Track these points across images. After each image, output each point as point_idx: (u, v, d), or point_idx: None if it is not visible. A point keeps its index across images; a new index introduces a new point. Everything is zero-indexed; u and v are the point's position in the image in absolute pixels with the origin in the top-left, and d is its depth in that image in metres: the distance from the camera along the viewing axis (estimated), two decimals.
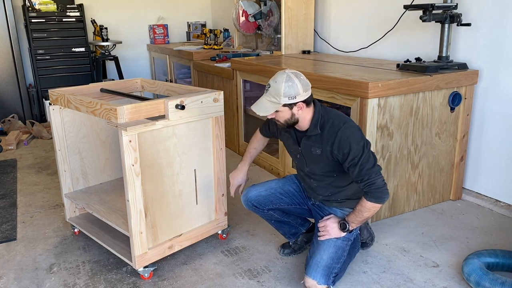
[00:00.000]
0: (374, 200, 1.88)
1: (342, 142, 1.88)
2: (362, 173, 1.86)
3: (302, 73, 1.93)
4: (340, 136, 1.89)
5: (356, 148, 1.86)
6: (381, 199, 1.88)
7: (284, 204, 2.23)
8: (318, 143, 1.96)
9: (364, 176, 1.86)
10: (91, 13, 5.43)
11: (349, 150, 1.86)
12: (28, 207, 3.02)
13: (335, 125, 1.92)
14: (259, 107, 1.92)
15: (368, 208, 1.91)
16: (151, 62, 5.97)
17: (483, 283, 1.95)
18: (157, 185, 2.11)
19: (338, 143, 1.89)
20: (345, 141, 1.87)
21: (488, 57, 2.76)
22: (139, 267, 2.13)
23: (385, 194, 1.88)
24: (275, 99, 1.86)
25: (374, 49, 3.58)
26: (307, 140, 2.01)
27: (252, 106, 1.95)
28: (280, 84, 1.84)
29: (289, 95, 1.84)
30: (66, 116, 2.48)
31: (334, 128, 1.91)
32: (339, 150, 1.89)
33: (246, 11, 4.19)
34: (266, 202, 2.20)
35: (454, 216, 2.77)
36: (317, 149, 1.98)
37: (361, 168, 1.86)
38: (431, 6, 2.63)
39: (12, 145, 4.29)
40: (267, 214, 2.25)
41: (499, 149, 2.80)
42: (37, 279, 2.20)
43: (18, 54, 4.88)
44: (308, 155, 2.04)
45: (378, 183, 1.86)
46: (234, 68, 3.79)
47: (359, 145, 1.87)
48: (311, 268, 1.97)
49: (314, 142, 1.98)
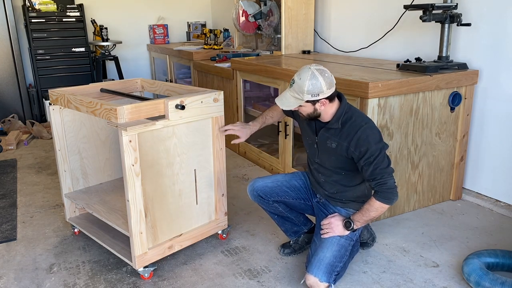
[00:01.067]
0: (383, 200, 1.90)
1: (361, 141, 1.89)
2: (375, 172, 1.88)
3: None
4: (360, 134, 1.90)
5: (374, 148, 1.88)
6: (390, 200, 1.90)
7: (289, 197, 2.24)
8: (336, 137, 1.97)
9: (377, 176, 1.88)
10: (91, 13, 5.43)
11: (367, 149, 1.88)
12: (28, 207, 3.02)
13: (357, 122, 1.93)
14: (282, 101, 1.94)
15: (376, 207, 1.92)
16: (151, 62, 5.97)
17: (483, 283, 1.95)
18: (157, 185, 2.11)
19: (357, 141, 1.90)
20: (364, 140, 1.89)
21: (488, 57, 2.76)
22: (139, 267, 2.13)
23: (394, 195, 1.90)
24: (299, 96, 1.88)
25: (374, 49, 3.58)
26: (325, 132, 2.01)
27: (276, 98, 1.96)
28: (304, 81, 1.85)
29: (312, 92, 1.85)
30: (66, 116, 2.48)
31: (355, 126, 1.93)
32: (356, 148, 1.90)
33: (246, 11, 4.19)
34: (272, 194, 2.22)
35: (454, 216, 2.77)
36: (333, 143, 1.98)
37: (375, 167, 1.87)
38: (431, 6, 2.63)
39: (12, 145, 4.29)
40: (272, 206, 2.26)
41: (499, 149, 2.80)
42: (37, 279, 2.20)
43: (18, 54, 4.88)
44: (322, 146, 2.04)
45: (389, 184, 1.88)
46: (234, 68, 3.79)
47: (378, 146, 1.89)
48: (313, 265, 1.97)
49: (332, 135, 1.99)
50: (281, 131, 3.29)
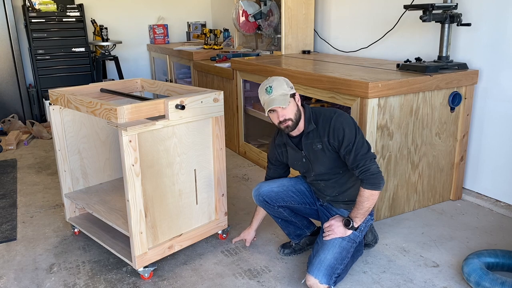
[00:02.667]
0: (370, 186, 1.92)
1: (336, 129, 1.96)
2: (357, 158, 1.92)
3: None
4: (334, 123, 1.97)
5: (349, 133, 1.94)
6: (377, 185, 1.92)
7: (295, 202, 2.24)
8: (317, 137, 2.02)
9: (359, 162, 1.92)
10: (91, 13, 5.43)
11: (343, 135, 1.94)
12: (28, 207, 3.02)
13: (327, 116, 2.02)
14: (277, 102, 1.94)
15: (366, 196, 1.94)
16: (151, 62, 5.97)
17: (483, 283, 1.95)
18: (157, 185, 2.11)
19: (333, 131, 1.97)
20: (339, 128, 1.95)
21: (488, 57, 2.76)
22: (139, 267, 2.13)
23: (380, 180, 1.92)
24: (284, 91, 1.95)
25: (374, 49, 3.58)
26: (306, 139, 2.05)
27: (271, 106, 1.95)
28: (277, 81, 1.98)
29: (289, 85, 1.99)
30: (66, 116, 2.48)
31: (327, 119, 2.01)
32: (334, 137, 1.96)
33: (246, 11, 4.19)
34: (278, 199, 2.21)
35: (454, 216, 2.77)
36: (318, 144, 2.03)
37: (356, 153, 1.92)
38: (431, 6, 2.63)
39: (12, 145, 4.29)
40: (277, 211, 2.26)
41: (499, 149, 2.80)
42: (37, 279, 2.20)
43: (18, 54, 4.88)
44: (311, 155, 2.06)
45: (372, 169, 1.91)
46: (234, 68, 3.79)
47: (352, 130, 1.95)
48: (314, 266, 1.97)
49: (313, 139, 2.03)
50: None
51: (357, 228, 2.04)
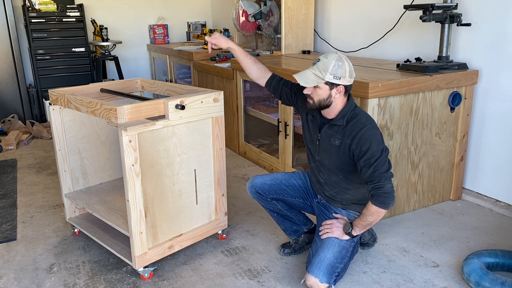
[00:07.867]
0: (379, 204, 1.88)
1: (364, 139, 1.88)
2: (374, 175, 1.86)
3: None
4: (364, 132, 1.89)
5: (376, 148, 1.87)
6: (386, 205, 1.88)
7: (287, 195, 2.24)
8: (340, 134, 1.96)
9: (375, 178, 1.86)
10: (91, 13, 5.43)
11: (368, 148, 1.87)
12: (28, 207, 3.02)
13: (361, 121, 1.93)
14: (301, 76, 1.92)
15: (372, 212, 1.91)
16: (151, 62, 5.97)
17: (483, 283, 1.95)
18: (157, 185, 2.11)
19: (359, 139, 1.89)
20: (367, 139, 1.88)
21: (488, 57, 2.76)
22: (139, 267, 2.13)
23: (390, 200, 1.87)
24: (321, 74, 1.87)
25: (374, 49, 3.58)
26: (329, 129, 2.00)
27: (295, 74, 1.94)
28: (331, 61, 1.85)
29: (335, 74, 1.85)
30: (66, 116, 2.48)
31: (359, 124, 1.92)
32: (358, 146, 1.89)
33: (246, 11, 4.19)
34: (270, 191, 2.22)
35: (454, 216, 2.77)
36: (337, 140, 1.97)
37: (375, 170, 1.86)
38: (431, 6, 2.63)
39: (12, 145, 4.29)
40: (270, 204, 2.26)
41: (499, 149, 2.80)
42: (37, 279, 2.20)
43: (18, 54, 4.88)
44: (324, 144, 2.03)
45: (386, 188, 1.86)
46: (234, 68, 3.79)
47: (379, 147, 1.88)
48: (314, 265, 1.96)
49: (335, 133, 1.98)
50: (281, 131, 3.29)
51: (355, 237, 2.03)
